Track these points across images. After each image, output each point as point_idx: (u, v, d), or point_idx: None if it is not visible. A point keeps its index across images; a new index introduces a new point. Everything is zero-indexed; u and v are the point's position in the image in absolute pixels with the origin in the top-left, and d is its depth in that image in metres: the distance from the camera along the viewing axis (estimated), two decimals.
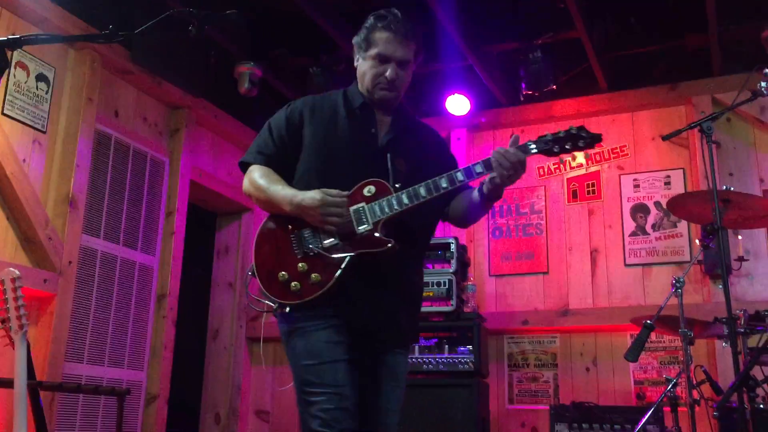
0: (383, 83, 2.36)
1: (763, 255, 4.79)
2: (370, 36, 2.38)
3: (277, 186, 2.33)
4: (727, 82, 4.93)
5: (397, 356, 2.34)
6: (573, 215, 5.34)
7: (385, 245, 2.21)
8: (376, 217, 2.23)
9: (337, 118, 2.40)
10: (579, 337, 5.11)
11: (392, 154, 2.34)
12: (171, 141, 5.23)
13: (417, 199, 2.23)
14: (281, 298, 2.23)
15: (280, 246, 2.29)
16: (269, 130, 2.46)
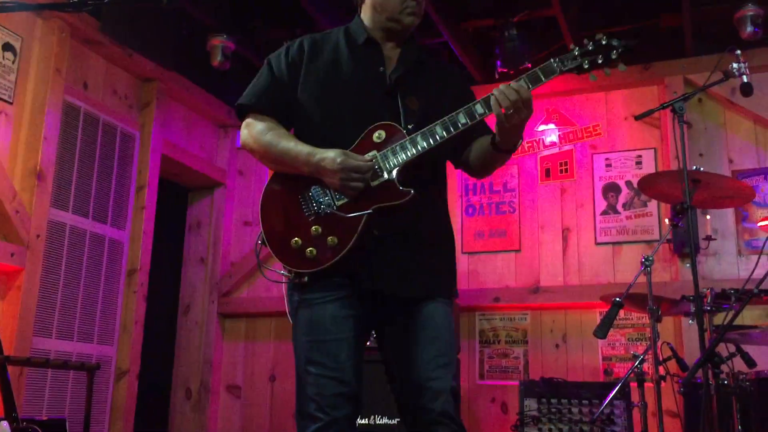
0: (412, 6, 2.14)
1: (730, 235, 4.88)
2: None
3: (288, 142, 2.09)
4: (699, 62, 4.97)
5: (432, 304, 2.09)
6: (546, 194, 5.38)
7: (405, 196, 2.00)
8: (391, 165, 2.01)
9: (339, 57, 2.17)
10: (549, 314, 5.17)
11: (402, 91, 2.12)
12: (142, 114, 5.15)
13: (435, 139, 2.01)
14: (297, 267, 2.02)
15: (289, 208, 2.07)
16: (269, 70, 2.22)
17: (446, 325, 2.10)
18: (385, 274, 2.05)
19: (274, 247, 2.07)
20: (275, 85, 2.21)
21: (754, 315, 4.51)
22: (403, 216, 2.05)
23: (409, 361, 2.05)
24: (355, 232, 1.99)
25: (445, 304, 2.13)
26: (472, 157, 2.21)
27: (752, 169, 4.91)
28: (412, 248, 2.09)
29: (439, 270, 2.17)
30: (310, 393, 2.01)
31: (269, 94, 2.20)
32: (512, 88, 1.96)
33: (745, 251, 4.80)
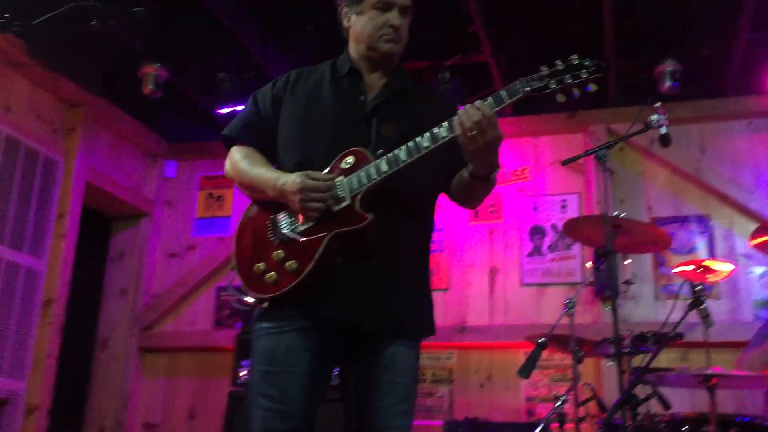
0: (388, 33, 2.12)
1: (648, 279, 5.05)
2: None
3: (260, 169, 2.10)
4: (621, 113, 5.18)
5: (396, 347, 2.01)
6: (474, 234, 5.46)
7: (362, 221, 1.94)
8: (354, 190, 1.97)
9: (321, 88, 2.17)
10: (475, 353, 5.21)
11: (379, 118, 2.09)
12: (66, 140, 5.00)
13: (397, 164, 1.95)
14: (258, 292, 1.99)
15: (258, 234, 2.06)
16: (254, 102, 2.24)
17: (410, 371, 2.06)
18: (347, 305, 1.98)
19: (240, 272, 2.05)
20: (258, 117, 2.22)
21: (670, 358, 4.66)
22: (373, 245, 2.00)
23: (367, 404, 2.00)
24: (313, 256, 1.94)
25: (410, 347, 2.08)
26: (454, 187, 2.15)
27: (670, 217, 5.12)
28: (381, 281, 2.02)
29: (408, 308, 2.08)
30: (256, 427, 1.95)
31: (251, 127, 2.21)
32: (475, 107, 1.90)
33: (662, 296, 4.97)
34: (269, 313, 2.01)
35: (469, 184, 2.06)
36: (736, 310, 4.81)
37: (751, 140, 5.12)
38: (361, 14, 2.16)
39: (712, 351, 3.74)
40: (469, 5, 4.27)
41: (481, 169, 2.00)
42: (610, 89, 5.16)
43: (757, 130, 5.11)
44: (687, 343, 4.05)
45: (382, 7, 2.12)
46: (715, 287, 4.83)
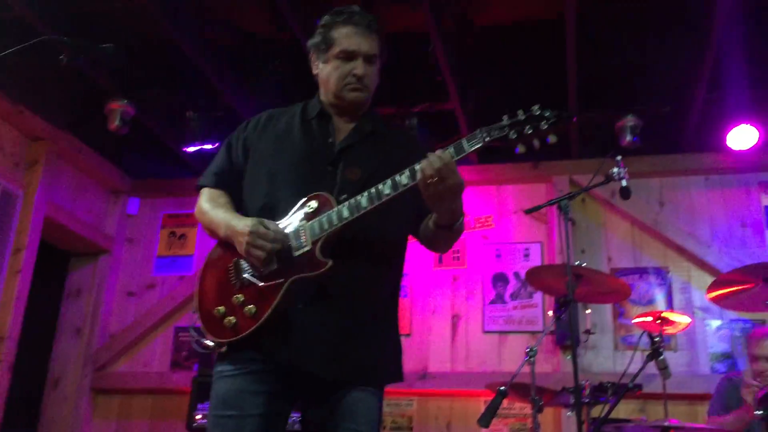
0: (352, 82, 2.13)
1: (608, 329, 5.09)
2: (329, 34, 2.16)
3: (220, 210, 2.12)
4: (583, 164, 5.29)
5: (357, 393, 1.98)
6: (438, 280, 5.46)
7: (322, 267, 1.91)
8: (315, 236, 1.95)
9: (291, 130, 2.18)
10: (436, 400, 5.16)
11: (345, 162, 2.08)
12: (27, 173, 4.92)
13: (358, 210, 1.94)
14: (217, 336, 1.97)
15: (220, 277, 2.05)
16: (226, 148, 2.25)
17: (370, 418, 2.00)
18: (305, 351, 1.95)
19: (201, 315, 2.04)
20: (230, 165, 2.23)
21: (629, 409, 4.68)
22: (336, 291, 1.98)
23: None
24: (272, 302, 1.93)
25: (373, 394, 2.03)
26: (422, 233, 2.14)
27: (629, 268, 5.19)
28: (341, 328, 1.99)
29: (371, 354, 2.04)
30: None
31: (223, 175, 2.22)
32: (436, 155, 1.89)
33: (621, 346, 5.01)
34: (227, 356, 2.00)
35: (434, 232, 2.05)
36: (693, 363, 4.86)
37: (707, 195, 5.25)
38: (327, 63, 2.18)
39: (670, 403, 3.77)
40: (438, 55, 4.35)
41: (444, 218, 1.99)
42: (573, 141, 5.27)
43: (714, 186, 5.26)
44: (645, 395, 4.09)
45: (346, 57, 2.14)
46: (673, 339, 4.89)
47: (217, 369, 2.03)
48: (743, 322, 4.86)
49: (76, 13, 4.38)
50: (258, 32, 4.71)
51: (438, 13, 4.13)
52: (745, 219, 5.13)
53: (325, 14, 2.23)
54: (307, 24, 4.27)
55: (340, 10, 2.20)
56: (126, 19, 4.46)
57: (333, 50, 2.15)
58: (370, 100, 2.24)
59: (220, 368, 2.02)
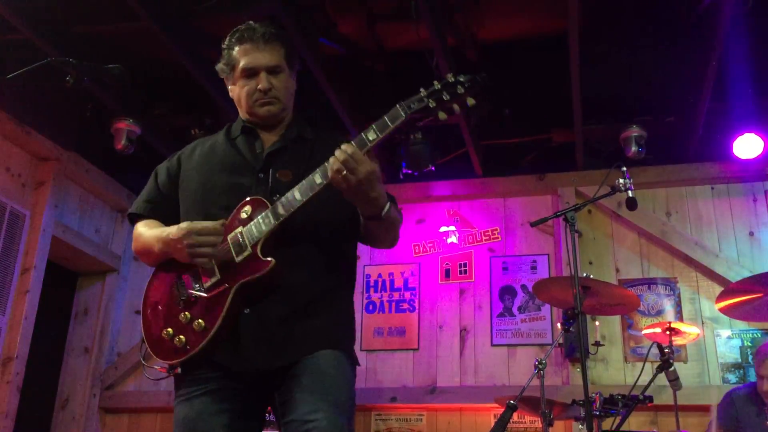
0: (259, 97, 2.12)
1: (617, 341, 5.07)
2: (230, 56, 2.16)
3: (150, 230, 2.11)
4: (589, 176, 5.29)
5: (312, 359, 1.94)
6: (445, 294, 5.45)
7: (266, 266, 1.89)
8: (254, 238, 1.93)
9: (215, 148, 2.19)
10: (445, 415, 5.14)
11: (275, 166, 2.07)
12: (35, 194, 4.95)
13: (292, 205, 1.92)
14: (168, 359, 1.93)
15: (162, 300, 2.03)
16: (154, 177, 2.26)
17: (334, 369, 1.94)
18: (255, 352, 1.92)
19: (149, 341, 2.01)
20: (158, 193, 2.24)
21: (640, 421, 4.65)
22: (278, 287, 1.95)
23: (291, 407, 1.88)
24: (221, 311, 1.90)
25: (329, 353, 1.97)
26: (362, 231, 2.11)
27: (637, 279, 5.17)
28: (280, 318, 1.95)
29: (319, 328, 1.99)
30: None
31: (152, 203, 2.22)
32: (342, 149, 1.86)
33: (631, 358, 4.99)
34: (182, 379, 1.98)
35: (366, 225, 2.04)
36: (703, 374, 4.83)
37: (714, 205, 5.23)
38: (234, 84, 2.19)
39: (681, 414, 3.75)
40: (441, 68, 4.37)
41: (367, 208, 1.95)
42: (577, 153, 5.28)
43: (720, 195, 5.24)
44: (656, 407, 4.06)
45: (248, 75, 2.14)
46: (683, 350, 4.86)
47: (177, 394, 2.01)
48: (753, 332, 4.83)
49: (81, 34, 4.43)
50: None
51: (440, 29, 4.15)
52: (753, 227, 5.11)
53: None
54: (308, 40, 4.30)
55: (237, 29, 2.19)
56: (130, 40, 4.50)
57: (236, 71, 2.15)
58: (290, 109, 2.23)
59: (178, 393, 2.00)
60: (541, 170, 5.49)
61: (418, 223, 5.70)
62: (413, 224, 5.69)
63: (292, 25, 4.10)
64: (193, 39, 4.44)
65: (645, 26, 4.32)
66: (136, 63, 4.55)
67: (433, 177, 5.45)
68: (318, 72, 4.46)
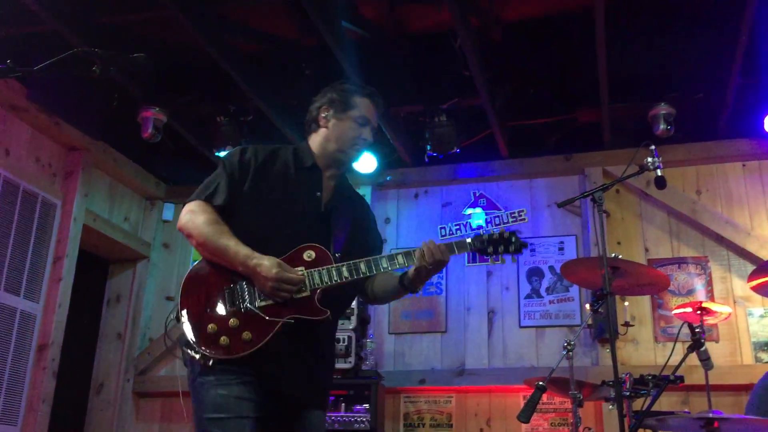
0: (361, 144, 2.45)
1: (647, 321, 5.03)
2: (351, 98, 2.45)
3: (229, 240, 2.24)
4: (616, 155, 5.23)
5: (316, 414, 2.32)
6: (472, 276, 5.45)
7: (323, 315, 2.21)
8: (315, 285, 2.22)
9: (287, 174, 2.39)
10: (474, 397, 5.15)
11: (333, 220, 2.37)
12: (65, 183, 5.03)
13: (357, 274, 2.26)
14: (209, 350, 2.13)
15: (213, 296, 2.21)
16: (224, 169, 2.37)
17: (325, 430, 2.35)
18: (288, 379, 2.22)
19: (190, 326, 2.16)
20: (227, 185, 2.34)
21: (671, 401, 4.62)
22: (313, 330, 2.25)
23: None
24: (269, 333, 2.15)
25: (324, 415, 2.38)
26: (376, 289, 2.45)
27: (667, 259, 5.12)
28: (313, 361, 2.30)
29: (327, 385, 2.41)
30: None
31: (221, 192, 2.33)
32: (439, 249, 2.26)
33: (661, 338, 4.95)
34: (214, 369, 2.15)
35: (399, 291, 2.40)
36: (735, 353, 4.78)
37: (745, 182, 5.15)
38: (344, 120, 2.45)
39: (713, 394, 3.71)
40: (465, 51, 4.33)
41: (417, 287, 2.36)
42: (604, 132, 5.22)
43: (752, 172, 5.16)
44: (688, 386, 4.03)
45: (362, 122, 2.45)
46: (714, 329, 4.81)
47: (207, 379, 2.16)
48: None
49: (106, 24, 4.46)
50: (283, 37, 4.74)
51: (463, 10, 4.11)
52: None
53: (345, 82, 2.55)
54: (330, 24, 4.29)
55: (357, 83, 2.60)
56: (155, 29, 4.53)
57: (352, 112, 2.44)
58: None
59: (209, 378, 2.15)
60: (568, 150, 5.44)
61: (443, 205, 5.69)
62: (439, 207, 5.69)
63: (314, 9, 4.09)
64: (217, 26, 4.45)
65: (672, 0, 4.24)
66: (161, 51, 4.59)
67: (458, 159, 5.43)
68: (340, 55, 4.45)
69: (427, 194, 5.77)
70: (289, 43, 4.78)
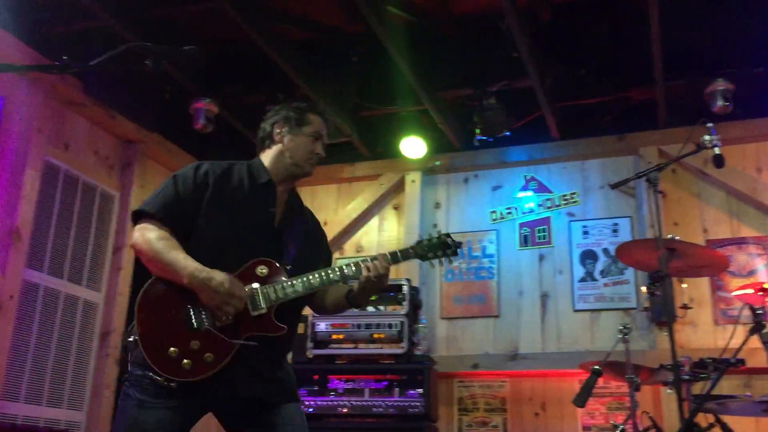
0: (314, 159, 2.53)
1: (707, 303, 4.91)
2: (305, 115, 2.53)
3: (178, 254, 2.25)
4: (672, 134, 5.10)
5: (290, 406, 2.34)
6: (524, 260, 5.40)
7: (280, 331, 2.27)
8: (270, 301, 2.26)
9: (242, 190, 2.43)
10: (528, 381, 5.12)
11: (286, 235, 2.42)
12: (122, 175, 5.16)
13: (310, 288, 2.33)
14: (170, 374, 2.16)
15: (169, 317, 2.22)
16: (174, 185, 2.38)
17: (305, 424, 2.36)
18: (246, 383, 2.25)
19: (149, 351, 2.18)
20: (178, 200, 2.35)
21: (732, 385, 4.51)
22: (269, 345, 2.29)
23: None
24: (229, 353, 2.19)
25: (299, 407, 2.40)
26: (327, 302, 2.55)
27: (726, 239, 4.98)
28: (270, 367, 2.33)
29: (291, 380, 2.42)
30: None
31: (171, 207, 2.34)
32: (382, 263, 2.36)
33: (721, 320, 4.82)
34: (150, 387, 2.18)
35: (345, 306, 2.49)
36: None
37: None
38: (298, 135, 2.52)
39: None
40: (514, 32, 4.27)
41: (364, 301, 2.46)
42: (659, 110, 5.09)
43: None
44: (749, 370, 3.93)
45: (316, 137, 2.53)
46: None
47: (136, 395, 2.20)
48: None
49: (157, 18, 4.55)
50: (330, 24, 4.75)
51: None
52: None
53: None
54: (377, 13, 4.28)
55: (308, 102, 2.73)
56: (204, 21, 4.60)
57: (306, 129, 2.52)
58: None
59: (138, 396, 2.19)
60: (621, 130, 5.33)
61: (494, 189, 5.65)
62: (489, 191, 5.64)
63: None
64: (264, 15, 4.50)
65: None
66: (211, 43, 4.66)
67: (508, 142, 5.37)
68: (387, 41, 4.44)
69: (476, 178, 5.73)
70: (336, 30, 4.80)
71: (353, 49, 4.90)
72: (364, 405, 4.52)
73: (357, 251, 5.75)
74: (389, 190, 5.84)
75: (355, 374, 4.62)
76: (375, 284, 2.37)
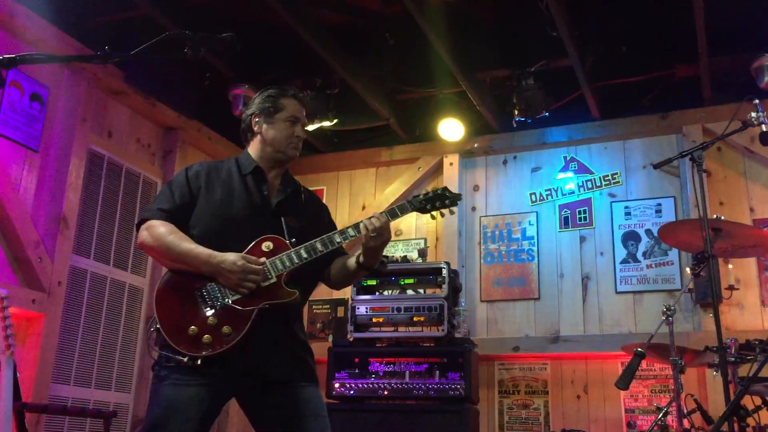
0: (295, 142, 2.59)
1: (753, 284, 4.81)
2: (278, 102, 2.59)
3: (189, 244, 2.38)
4: (717, 112, 4.98)
5: (308, 389, 2.42)
6: (565, 242, 5.35)
7: (292, 296, 2.37)
8: (278, 270, 2.37)
9: (232, 182, 2.54)
10: (570, 364, 5.09)
11: (284, 212, 2.52)
12: (164, 162, 5.24)
13: (315, 252, 2.41)
14: (193, 351, 2.27)
15: (186, 301, 2.35)
16: (170, 190, 2.51)
17: (324, 404, 2.45)
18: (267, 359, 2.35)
19: (171, 334, 2.30)
20: (174, 199, 2.49)
21: None
22: (283, 314, 2.41)
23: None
24: (247, 323, 2.30)
25: (318, 388, 2.47)
26: (333, 273, 2.60)
27: None
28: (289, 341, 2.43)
29: (309, 361, 2.49)
30: None
31: (170, 206, 2.48)
32: (376, 217, 2.42)
33: None
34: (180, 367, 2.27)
35: (355, 271, 2.54)
36: None
37: None
38: (275, 123, 2.58)
39: None
40: (552, 9, 4.21)
41: (372, 262, 2.49)
42: (703, 87, 4.97)
43: None
44: None
45: (293, 121, 2.58)
46: None
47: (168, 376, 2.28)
48: None
49: (195, 6, 4.59)
50: (366, 7, 4.74)
51: None
52: None
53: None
54: None
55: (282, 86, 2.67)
56: (241, 7, 4.62)
57: (281, 114, 2.58)
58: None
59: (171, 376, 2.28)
60: (664, 109, 5.22)
61: (533, 171, 5.59)
62: (528, 173, 5.59)
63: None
64: (299, 1, 4.50)
65: None
66: (248, 29, 4.69)
67: (547, 123, 5.31)
68: (424, 23, 4.41)
69: (516, 160, 5.68)
70: (372, 13, 4.78)
71: (390, 32, 4.88)
72: (404, 387, 4.55)
73: (396, 235, 5.76)
74: (427, 173, 5.83)
75: (396, 357, 4.64)
76: (377, 241, 2.42)
